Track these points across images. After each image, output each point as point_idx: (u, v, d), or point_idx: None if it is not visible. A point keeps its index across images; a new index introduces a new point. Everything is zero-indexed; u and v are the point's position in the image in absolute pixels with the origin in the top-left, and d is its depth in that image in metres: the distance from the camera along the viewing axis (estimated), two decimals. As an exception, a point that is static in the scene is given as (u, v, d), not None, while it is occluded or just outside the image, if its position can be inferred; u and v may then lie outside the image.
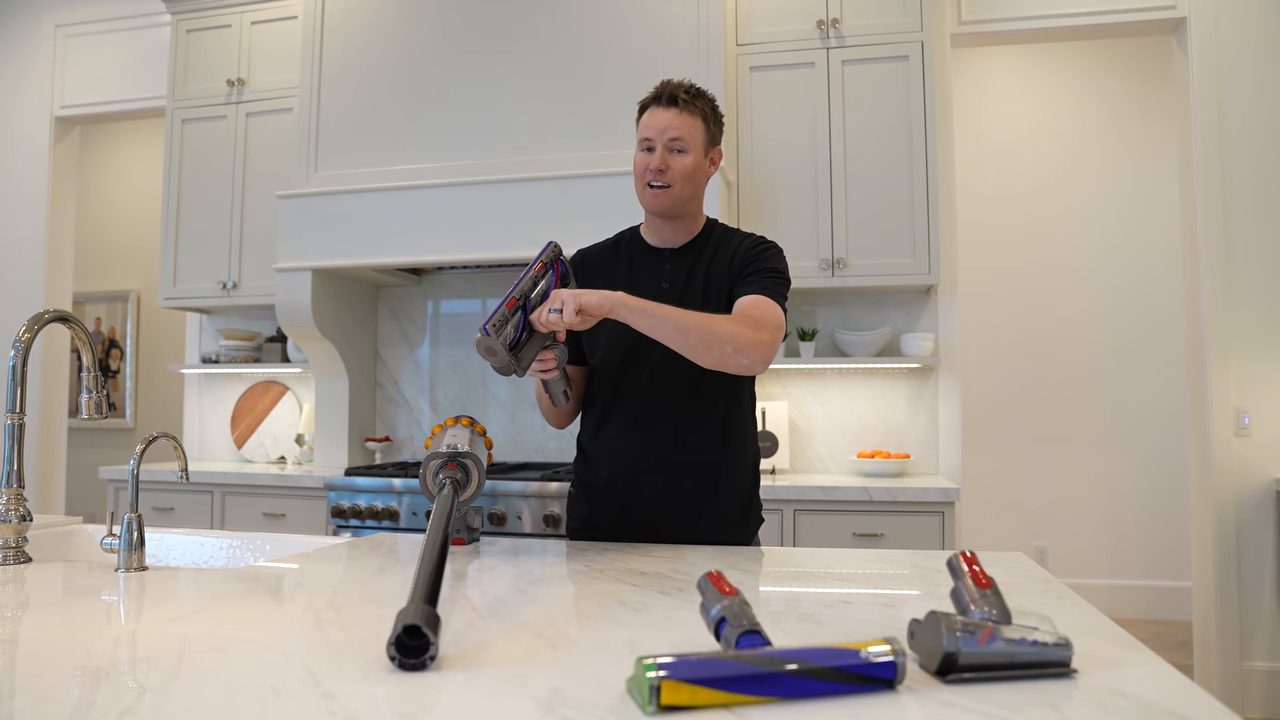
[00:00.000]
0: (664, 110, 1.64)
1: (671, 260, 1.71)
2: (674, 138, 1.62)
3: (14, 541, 1.46)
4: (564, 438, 3.61)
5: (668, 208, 1.65)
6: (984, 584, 0.87)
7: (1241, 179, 3.32)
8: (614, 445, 1.71)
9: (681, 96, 1.64)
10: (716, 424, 1.68)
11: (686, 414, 1.66)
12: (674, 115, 1.63)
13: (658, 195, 1.64)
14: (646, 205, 1.67)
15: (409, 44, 3.38)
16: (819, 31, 3.21)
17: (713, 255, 1.70)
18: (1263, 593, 3.22)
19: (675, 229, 1.71)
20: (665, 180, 1.63)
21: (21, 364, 1.47)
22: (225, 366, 3.84)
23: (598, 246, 1.80)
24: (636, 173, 1.66)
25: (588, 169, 3.06)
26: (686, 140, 1.63)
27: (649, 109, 1.67)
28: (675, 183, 1.63)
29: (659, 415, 1.67)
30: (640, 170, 1.65)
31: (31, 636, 0.99)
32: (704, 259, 1.70)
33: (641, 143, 1.66)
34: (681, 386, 1.65)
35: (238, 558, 1.79)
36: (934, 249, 3.07)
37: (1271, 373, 3.27)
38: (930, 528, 2.79)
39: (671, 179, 1.63)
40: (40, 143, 4.46)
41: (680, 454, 1.66)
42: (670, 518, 1.68)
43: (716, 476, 1.69)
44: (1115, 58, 4.87)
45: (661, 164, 1.62)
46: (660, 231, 1.72)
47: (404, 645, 0.84)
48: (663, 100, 1.65)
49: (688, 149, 1.63)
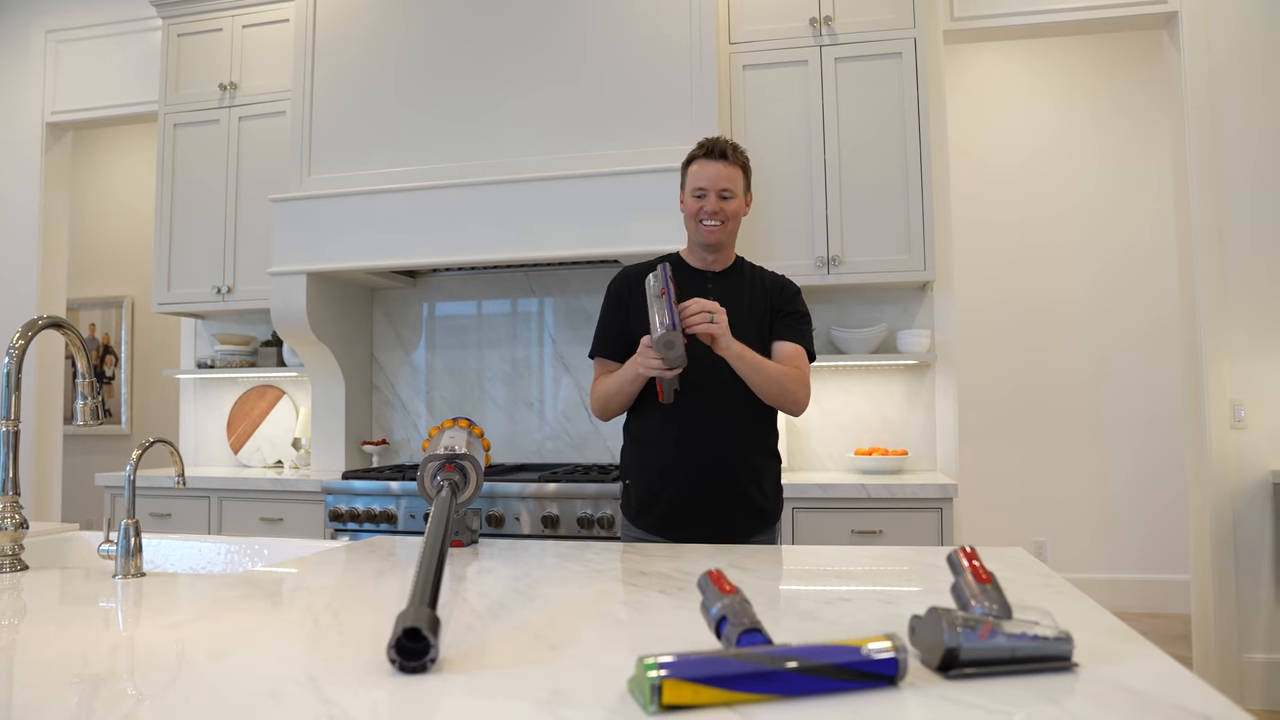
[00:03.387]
0: (715, 163, 2.00)
1: (714, 280, 2.07)
2: (724, 189, 1.99)
3: (10, 549, 1.45)
4: (561, 439, 3.61)
5: (721, 240, 2.03)
6: (984, 579, 0.87)
7: (1235, 172, 3.33)
8: (679, 429, 1.98)
9: (729, 151, 2.01)
10: (764, 419, 2.04)
11: (740, 409, 1.98)
12: (723, 167, 1.99)
13: (713, 231, 2.01)
14: (702, 239, 2.03)
15: (401, 46, 3.38)
16: (812, 29, 3.21)
17: (750, 283, 2.09)
18: (1260, 585, 3.23)
19: (716, 257, 2.08)
20: (719, 219, 2.00)
21: (16, 371, 1.47)
22: (221, 371, 3.83)
23: (643, 266, 2.08)
24: (689, 213, 2.03)
25: (582, 170, 3.05)
26: (733, 188, 2.00)
27: (698, 161, 2.02)
28: (726, 220, 2.01)
29: (716, 405, 1.96)
30: (694, 212, 2.02)
31: (29, 644, 0.99)
32: (743, 284, 2.08)
33: (695, 190, 2.01)
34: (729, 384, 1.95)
35: (235, 562, 1.78)
36: (929, 245, 3.07)
37: (1267, 366, 3.28)
38: (929, 524, 2.79)
39: (724, 218, 2.01)
40: (32, 149, 4.44)
41: (733, 448, 1.98)
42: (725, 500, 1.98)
43: (761, 471, 2.02)
44: (1110, 52, 4.87)
45: (716, 208, 1.99)
46: (704, 259, 2.08)
47: (404, 648, 0.84)
48: (714, 155, 2.00)
49: (734, 194, 2.01)
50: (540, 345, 3.67)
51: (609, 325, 2.09)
